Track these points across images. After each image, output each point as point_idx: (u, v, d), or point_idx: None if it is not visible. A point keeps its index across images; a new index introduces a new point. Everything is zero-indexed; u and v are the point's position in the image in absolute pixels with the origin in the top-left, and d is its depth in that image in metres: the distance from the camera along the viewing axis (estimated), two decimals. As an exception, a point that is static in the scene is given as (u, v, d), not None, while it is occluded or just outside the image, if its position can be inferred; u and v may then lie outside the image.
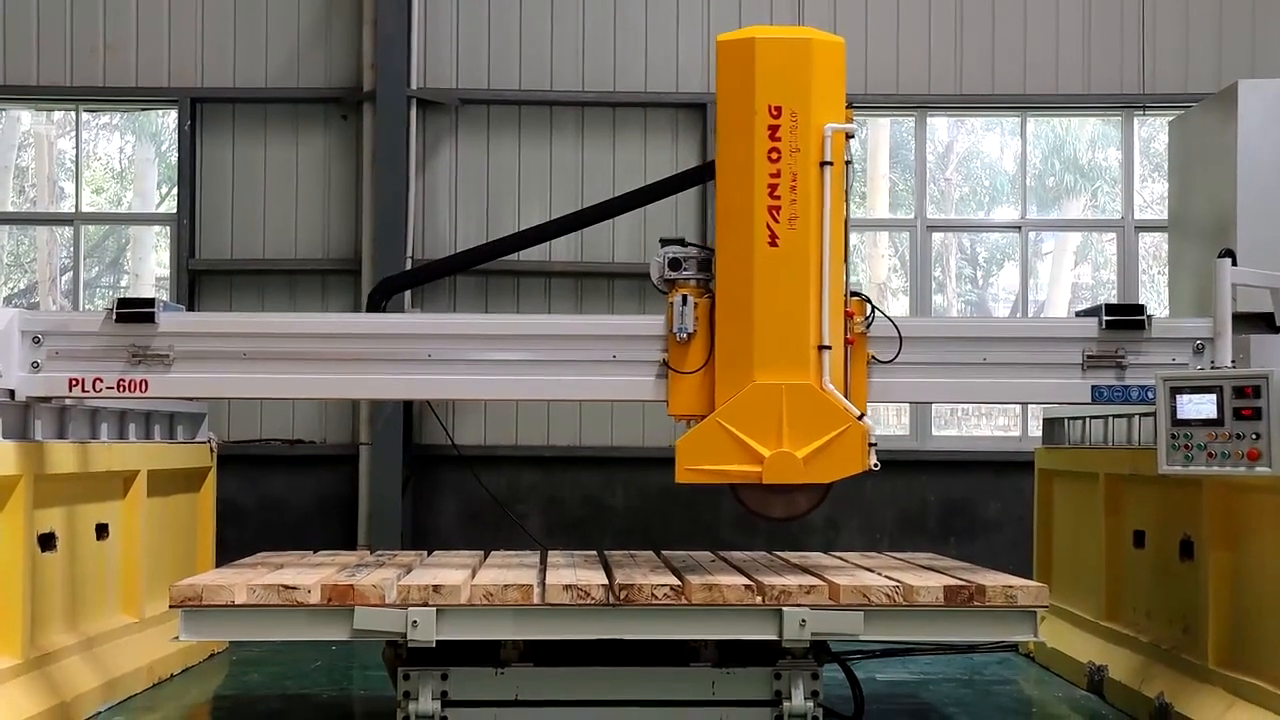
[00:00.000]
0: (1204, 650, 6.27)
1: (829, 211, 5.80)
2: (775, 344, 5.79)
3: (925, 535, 10.96)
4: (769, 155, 5.79)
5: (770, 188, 5.79)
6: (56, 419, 6.66)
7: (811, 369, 5.78)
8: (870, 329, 6.08)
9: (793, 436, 5.75)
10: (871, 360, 6.11)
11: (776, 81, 5.80)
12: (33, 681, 6.12)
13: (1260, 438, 5.60)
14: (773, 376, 5.78)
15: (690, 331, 5.94)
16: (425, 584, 5.41)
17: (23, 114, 12.20)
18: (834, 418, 5.76)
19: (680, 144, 11.37)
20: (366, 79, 11.18)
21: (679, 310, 5.95)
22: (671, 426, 11.19)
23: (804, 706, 5.57)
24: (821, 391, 5.77)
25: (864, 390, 6.07)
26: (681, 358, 5.99)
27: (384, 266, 10.90)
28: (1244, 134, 7.15)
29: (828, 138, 5.79)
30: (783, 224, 5.79)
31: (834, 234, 5.82)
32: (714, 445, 5.79)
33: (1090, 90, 11.40)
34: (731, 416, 5.79)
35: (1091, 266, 12.67)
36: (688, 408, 5.99)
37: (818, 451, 5.74)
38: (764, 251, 5.79)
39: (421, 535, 11.03)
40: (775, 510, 5.92)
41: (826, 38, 5.95)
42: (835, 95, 5.87)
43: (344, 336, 6.20)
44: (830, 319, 5.81)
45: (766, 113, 5.79)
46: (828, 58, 5.88)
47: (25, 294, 12.97)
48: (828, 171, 5.80)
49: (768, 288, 5.79)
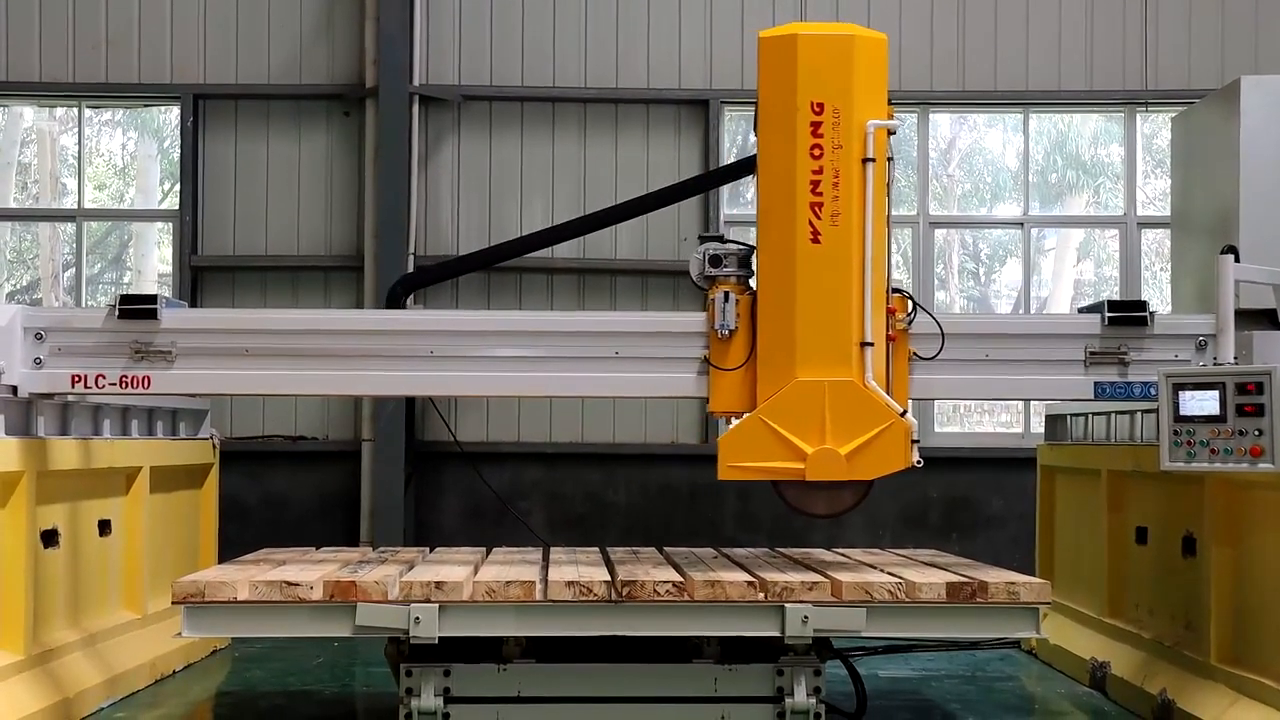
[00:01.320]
0: (1206, 647, 6.26)
1: (871, 208, 5.79)
2: (817, 340, 5.78)
3: (928, 532, 10.96)
4: (811, 152, 5.78)
5: (813, 184, 5.78)
6: (59, 415, 6.66)
7: (854, 366, 5.78)
8: (912, 325, 6.07)
9: (835, 433, 5.75)
10: (913, 357, 6.10)
11: (819, 78, 5.79)
12: (35, 678, 6.13)
13: (1263, 434, 5.60)
14: (815, 373, 5.77)
15: (732, 328, 5.93)
16: (427, 580, 5.41)
17: (25, 110, 12.20)
18: (876, 414, 5.76)
19: (683, 141, 11.37)
20: (369, 75, 11.18)
21: (721, 307, 5.94)
22: (672, 424, 11.30)
23: (806, 703, 5.56)
24: (864, 388, 5.77)
25: (905, 387, 6.05)
26: (723, 354, 5.98)
27: (386, 263, 10.92)
28: (1246, 130, 7.15)
29: (870, 134, 5.78)
30: (825, 220, 5.78)
31: (876, 230, 5.81)
32: (756, 442, 5.78)
33: (1093, 86, 11.39)
34: (774, 413, 5.78)
35: (1094, 263, 12.65)
36: (729, 404, 5.98)
37: (860, 448, 5.74)
38: (806, 248, 5.78)
39: (424, 532, 11.04)
40: (817, 507, 5.91)
41: (869, 34, 5.94)
42: (877, 91, 5.86)
43: (346, 333, 6.20)
44: (872, 315, 5.80)
45: (809, 109, 5.79)
46: (870, 54, 5.88)
47: (28, 290, 12.97)
48: (870, 168, 5.79)
49: (810, 284, 5.78)
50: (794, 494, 5.86)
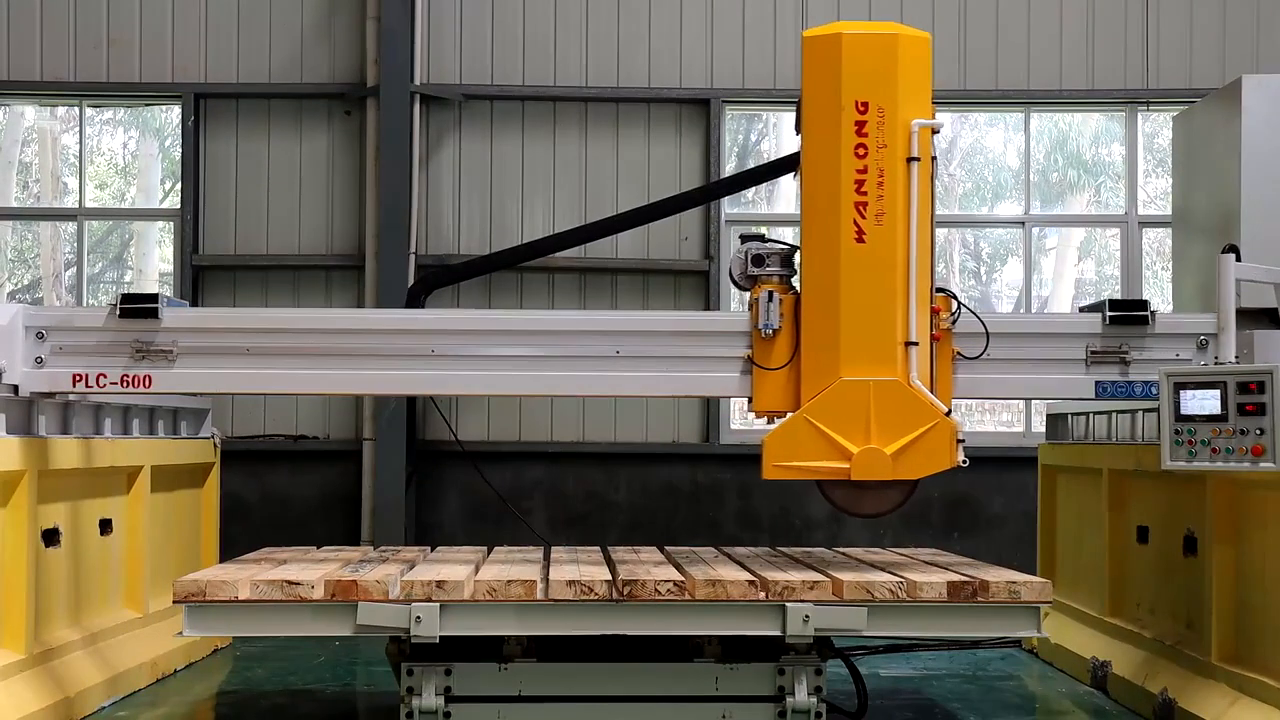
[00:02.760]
0: (1207, 646, 6.27)
1: (916, 207, 5.79)
2: (862, 340, 5.78)
3: (929, 531, 10.96)
4: (856, 151, 5.79)
5: (857, 184, 5.78)
6: (60, 414, 6.66)
7: (898, 365, 5.78)
8: (956, 325, 6.07)
9: (880, 433, 5.75)
10: (957, 356, 6.10)
11: (863, 77, 5.80)
12: (36, 677, 6.13)
13: (1264, 433, 5.60)
14: (860, 372, 5.77)
15: (776, 328, 5.94)
16: (428, 580, 5.41)
17: (26, 109, 12.19)
18: (922, 414, 5.76)
19: (684, 140, 11.37)
20: (370, 74, 11.18)
21: (764, 306, 5.94)
22: (673, 423, 11.29)
23: (807, 702, 5.56)
24: (909, 388, 5.77)
25: (949, 386, 6.06)
26: (766, 354, 5.98)
27: (387, 262, 10.92)
28: (1248, 130, 7.15)
29: (914, 133, 5.79)
30: (869, 220, 5.79)
31: (921, 229, 5.81)
32: (801, 442, 5.79)
33: (1094, 86, 11.39)
34: (819, 413, 5.79)
35: (1095, 262, 12.65)
36: (772, 404, 5.99)
37: (906, 448, 5.75)
38: (850, 248, 5.79)
39: (425, 531, 11.04)
40: (862, 507, 5.91)
41: (913, 33, 5.94)
42: (921, 90, 5.86)
43: (348, 332, 6.20)
44: (917, 315, 5.80)
45: (853, 108, 5.79)
46: (914, 52, 5.88)
47: (29, 289, 12.97)
48: (914, 167, 5.79)
49: (854, 284, 5.79)
50: (842, 495, 5.87)
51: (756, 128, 12.30)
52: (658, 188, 11.26)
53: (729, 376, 6.09)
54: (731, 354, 6.08)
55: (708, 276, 11.23)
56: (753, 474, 10.99)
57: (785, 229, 11.99)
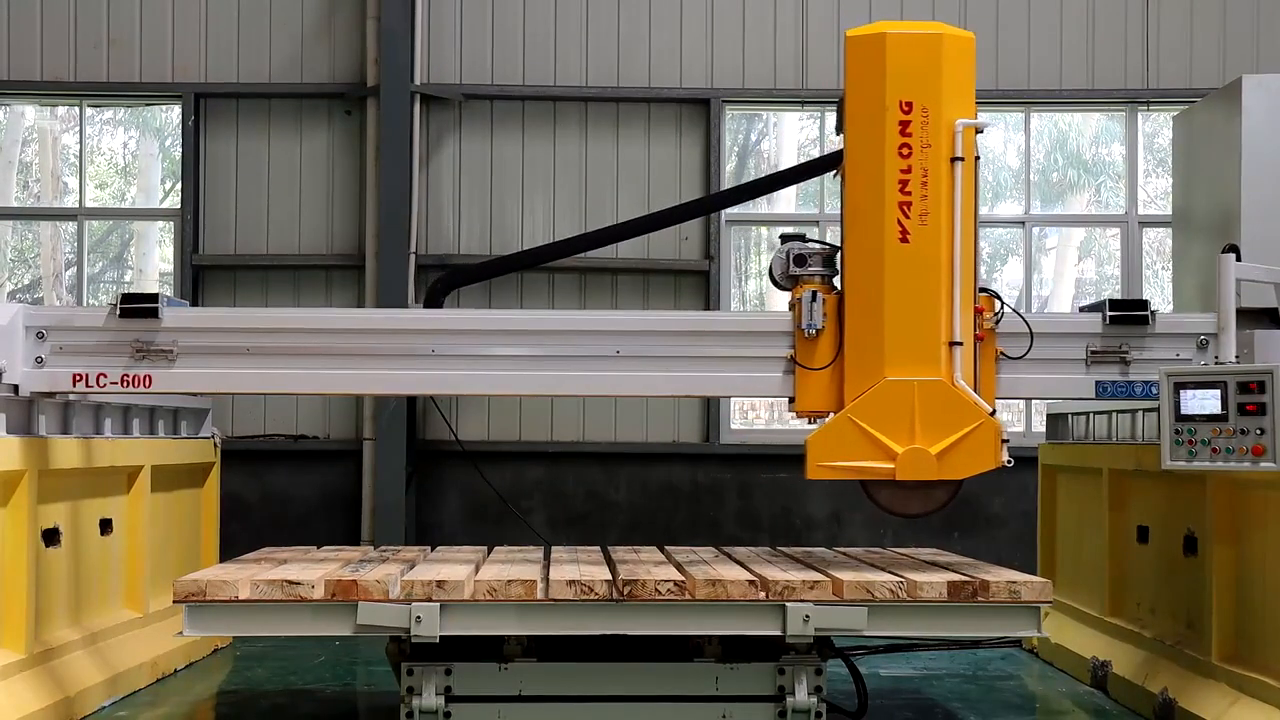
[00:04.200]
0: (1208, 646, 6.26)
1: (960, 207, 5.81)
2: (906, 340, 5.79)
3: (929, 531, 10.95)
4: (900, 151, 5.80)
5: (901, 184, 5.79)
6: (60, 414, 6.66)
7: (942, 365, 5.79)
8: (999, 325, 6.07)
9: (925, 433, 5.76)
10: (1000, 356, 6.10)
11: (907, 77, 5.81)
12: (36, 676, 6.13)
13: (1265, 433, 5.60)
14: (904, 372, 5.78)
15: (819, 328, 5.93)
16: (429, 579, 5.41)
17: (27, 109, 12.19)
18: (966, 414, 5.77)
19: (684, 140, 11.37)
20: (370, 74, 11.18)
21: (808, 306, 5.93)
22: (673, 423, 11.29)
23: (807, 702, 5.56)
24: (953, 388, 5.78)
25: (992, 386, 6.05)
26: (810, 354, 5.97)
27: (387, 262, 10.93)
28: (1248, 129, 7.15)
29: (958, 133, 5.81)
30: (913, 220, 5.80)
31: (965, 229, 5.83)
32: (845, 442, 5.79)
33: (1094, 85, 11.39)
34: (863, 413, 5.79)
35: (1095, 262, 12.65)
36: (815, 404, 5.98)
37: (951, 448, 5.76)
38: (895, 248, 5.80)
39: (425, 531, 11.04)
40: (907, 507, 5.92)
41: (957, 33, 5.95)
42: (965, 90, 5.88)
43: (348, 332, 6.20)
44: (961, 315, 5.81)
45: (897, 108, 5.80)
46: (958, 52, 5.89)
47: (29, 289, 12.97)
48: (958, 167, 5.81)
49: (898, 284, 5.79)
50: (887, 495, 5.87)
51: (756, 127, 12.30)
52: (658, 188, 11.27)
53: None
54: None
55: (708, 276, 11.23)
56: (753, 474, 11.13)
57: (785, 228, 12.00)
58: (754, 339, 6.10)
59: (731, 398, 10.33)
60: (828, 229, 11.46)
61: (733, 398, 10.34)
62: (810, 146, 12.11)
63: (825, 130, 11.80)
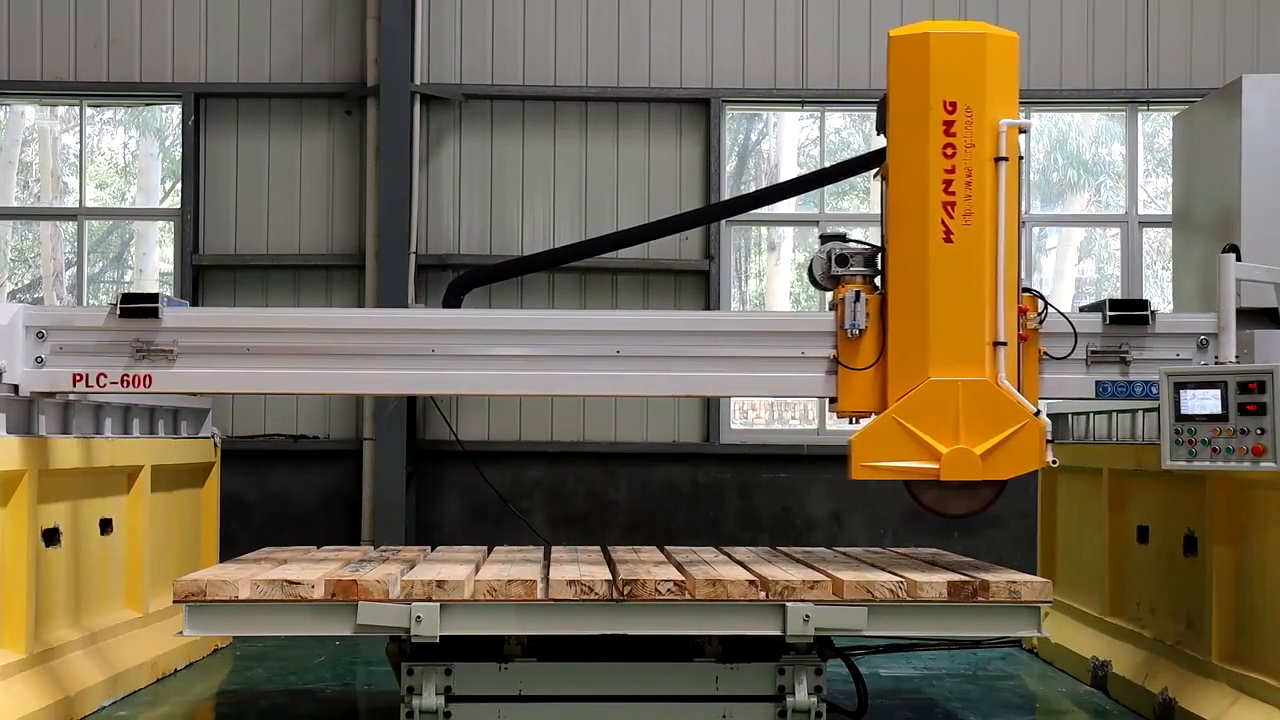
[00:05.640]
0: (1208, 646, 6.26)
1: (1004, 207, 5.81)
2: (950, 340, 5.80)
3: (929, 531, 10.95)
4: (944, 151, 5.81)
5: (945, 184, 5.81)
6: (60, 414, 6.66)
7: (986, 365, 5.80)
8: (1043, 325, 6.08)
9: (969, 433, 5.77)
10: (1044, 356, 6.11)
11: (951, 77, 5.82)
12: (37, 676, 6.13)
13: (1265, 433, 5.60)
14: (948, 372, 5.79)
15: (862, 328, 5.93)
16: (429, 579, 5.41)
17: (27, 109, 12.19)
18: (1011, 414, 5.77)
19: (684, 140, 11.37)
20: (370, 74, 11.18)
21: (851, 306, 5.94)
22: (673, 423, 11.29)
23: (807, 702, 5.56)
24: (997, 388, 5.78)
25: (1036, 386, 6.06)
26: (853, 354, 5.97)
27: (387, 262, 10.93)
28: (1248, 129, 7.14)
29: (1002, 133, 5.81)
30: (957, 220, 5.81)
31: (1009, 229, 5.83)
32: (890, 442, 5.80)
33: (1094, 85, 11.39)
34: (907, 413, 5.80)
35: (1095, 262, 12.64)
36: (858, 404, 5.99)
37: (995, 448, 5.76)
38: (939, 248, 5.81)
39: (425, 531, 11.04)
40: (952, 507, 5.92)
41: (1001, 32, 5.97)
42: (1009, 90, 5.89)
43: (348, 332, 6.19)
44: (1005, 315, 5.82)
45: (941, 108, 5.81)
46: (1001, 52, 5.91)
47: (29, 289, 12.97)
48: (1003, 167, 5.81)
49: (943, 284, 5.81)
50: (934, 495, 5.88)
51: (757, 127, 12.30)
52: (658, 188, 11.27)
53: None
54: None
55: (708, 276, 11.23)
56: (753, 474, 11.13)
57: (785, 228, 12.01)
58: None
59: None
60: (827, 229, 11.45)
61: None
62: (810, 146, 12.11)
63: (825, 130, 11.80)
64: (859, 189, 11.77)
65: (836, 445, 11.18)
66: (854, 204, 12.03)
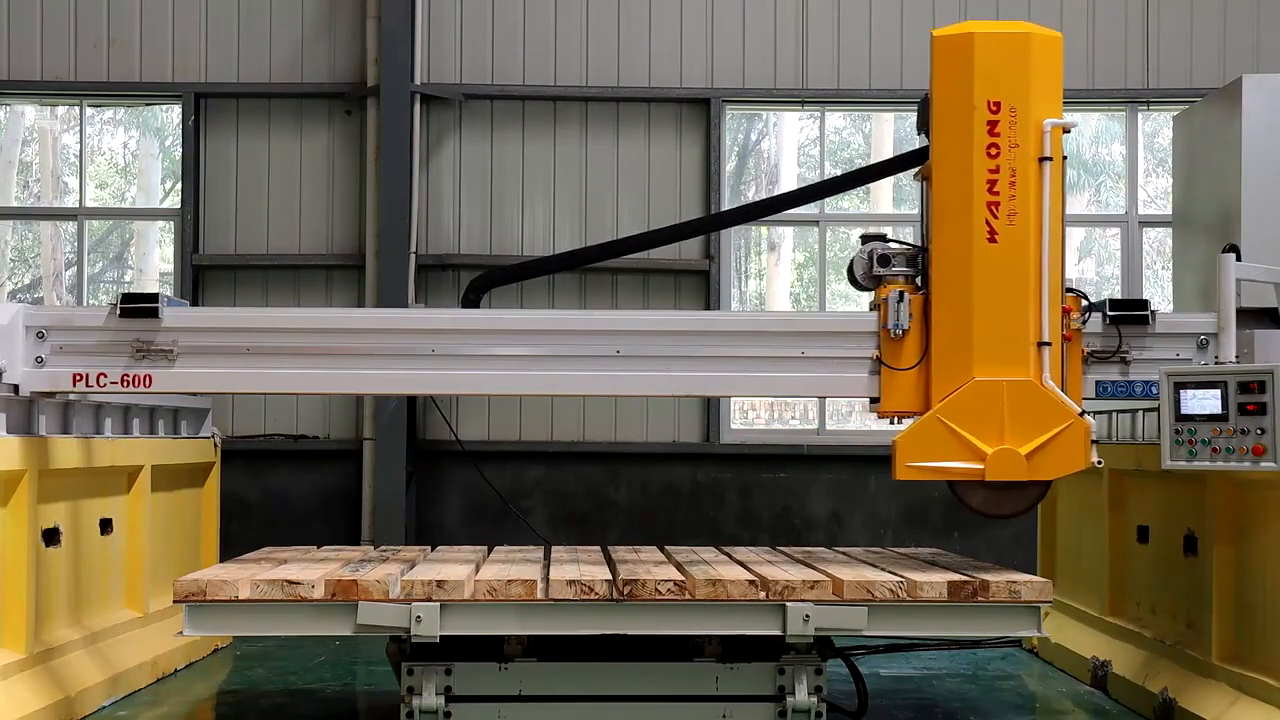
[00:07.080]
0: (1208, 645, 6.26)
1: (1048, 207, 5.83)
2: (995, 340, 5.80)
3: (929, 530, 10.96)
4: (988, 151, 5.82)
5: (989, 184, 5.82)
6: (60, 414, 6.66)
7: (1030, 365, 5.79)
8: (1086, 325, 6.08)
9: (1014, 433, 5.76)
10: (1087, 356, 6.11)
11: (996, 77, 5.84)
12: (36, 676, 6.13)
13: (1265, 433, 5.60)
14: (993, 373, 5.78)
15: (905, 328, 5.93)
16: (429, 579, 5.41)
17: (27, 109, 12.20)
18: (1056, 414, 5.77)
19: (684, 140, 11.36)
20: (370, 74, 11.18)
21: (894, 306, 5.93)
22: (673, 423, 11.28)
23: (807, 702, 5.56)
24: (1042, 388, 5.78)
25: (1079, 386, 6.06)
26: (896, 354, 5.97)
27: (387, 261, 10.93)
28: (1248, 129, 7.15)
29: (1046, 133, 5.85)
30: (1001, 220, 5.82)
31: (1053, 229, 5.86)
32: (934, 442, 5.79)
33: (1094, 85, 11.39)
34: (952, 413, 5.79)
35: (1095, 261, 12.65)
36: (901, 404, 5.98)
37: (1040, 448, 5.76)
38: (983, 248, 5.81)
39: (425, 530, 11.04)
40: (999, 507, 5.91)
41: (1045, 32, 5.98)
42: (1053, 90, 5.93)
43: (348, 331, 6.19)
44: (1049, 315, 5.82)
45: (985, 108, 5.83)
46: (1045, 52, 5.94)
47: (29, 289, 12.98)
48: (1046, 167, 5.85)
49: (987, 284, 5.81)
50: (982, 497, 5.86)
51: (757, 127, 12.31)
52: (658, 188, 11.27)
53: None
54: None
55: (708, 276, 11.23)
56: (753, 474, 11.13)
57: (785, 228, 12.01)
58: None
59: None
60: (827, 229, 11.47)
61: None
62: (810, 146, 12.11)
63: (825, 130, 11.80)
64: (859, 188, 11.75)
65: (837, 445, 11.28)
66: (854, 204, 12.03)
